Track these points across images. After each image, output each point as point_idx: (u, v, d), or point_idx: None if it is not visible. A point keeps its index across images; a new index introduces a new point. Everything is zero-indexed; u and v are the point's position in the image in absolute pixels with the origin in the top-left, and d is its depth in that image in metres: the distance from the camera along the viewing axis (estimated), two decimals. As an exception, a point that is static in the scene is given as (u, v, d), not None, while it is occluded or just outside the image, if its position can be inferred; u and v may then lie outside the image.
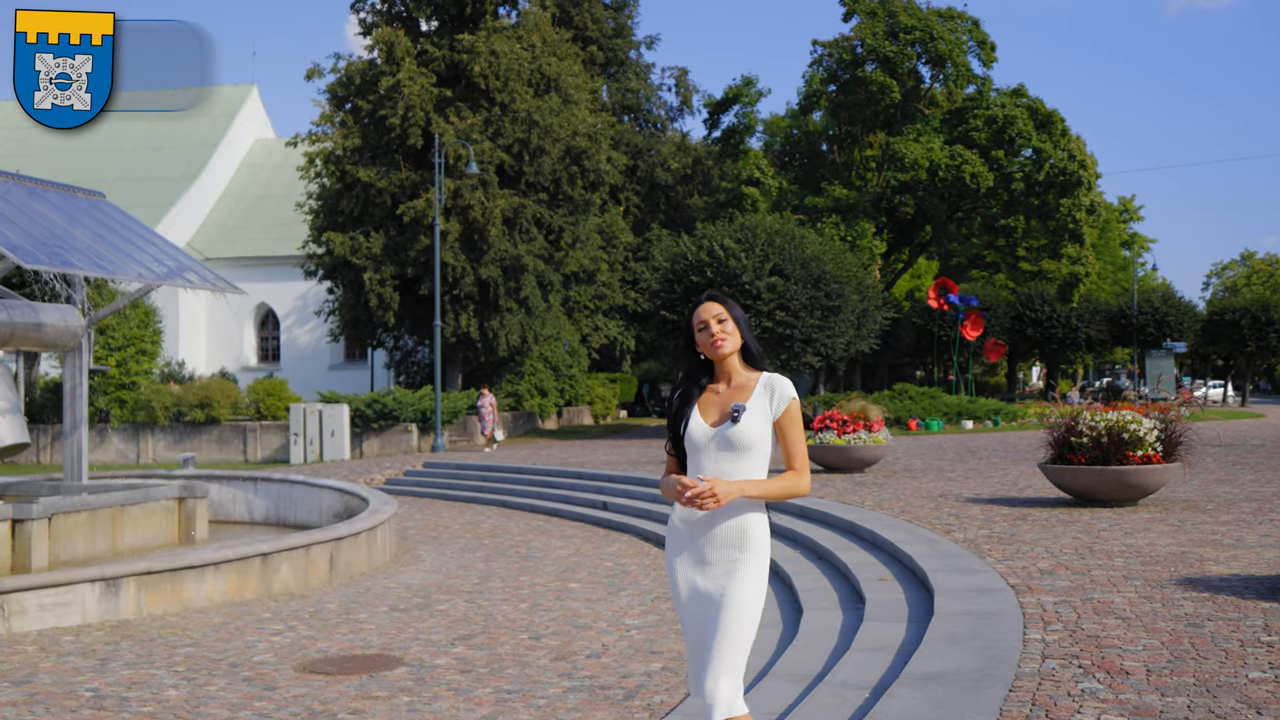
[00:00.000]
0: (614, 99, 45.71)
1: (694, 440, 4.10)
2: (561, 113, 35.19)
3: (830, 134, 46.65)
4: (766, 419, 4.06)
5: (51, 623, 9.35)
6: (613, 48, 45.01)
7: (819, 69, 44.08)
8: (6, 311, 13.31)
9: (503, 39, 34.48)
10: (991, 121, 42.00)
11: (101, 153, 51.42)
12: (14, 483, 15.12)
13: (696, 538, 4.07)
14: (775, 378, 4.13)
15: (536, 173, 34.98)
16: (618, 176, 39.66)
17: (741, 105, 46.70)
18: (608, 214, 41.39)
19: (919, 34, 41.94)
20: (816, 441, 17.80)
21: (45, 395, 32.23)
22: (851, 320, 34.08)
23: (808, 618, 8.31)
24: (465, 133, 33.25)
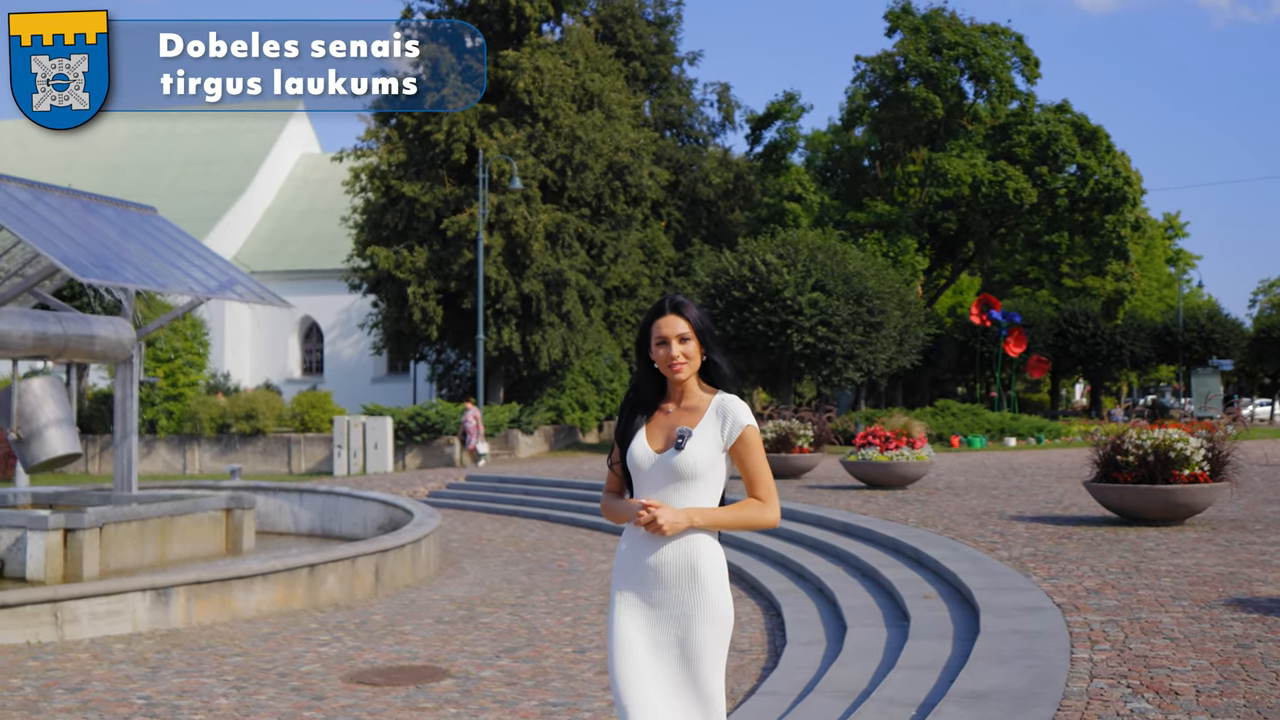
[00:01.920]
0: (656, 115, 45.84)
1: (637, 465, 3.76)
2: (604, 128, 35.35)
3: (872, 150, 46.58)
4: (716, 446, 3.68)
5: (103, 631, 9.50)
6: (655, 64, 45.16)
7: (861, 84, 44.07)
8: (60, 324, 13.54)
9: (546, 55, 34.70)
10: (1035, 138, 41.80)
11: (152, 167, 52.16)
12: (65, 492, 15.35)
13: (642, 573, 3.69)
14: (729, 400, 3.75)
15: (579, 188, 35.14)
16: (659, 192, 39.77)
17: (783, 121, 46.74)
18: (649, 229, 41.50)
19: (962, 50, 41.85)
20: (859, 458, 17.77)
21: (94, 406, 32.65)
22: (893, 336, 34.01)
23: (852, 634, 8.31)
24: (509, 148, 33.46)
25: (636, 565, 3.71)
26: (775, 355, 32.26)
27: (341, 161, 38.80)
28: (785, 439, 20.49)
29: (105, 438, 31.29)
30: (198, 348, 34.30)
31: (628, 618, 3.71)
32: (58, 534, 11.85)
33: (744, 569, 12.10)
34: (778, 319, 31.25)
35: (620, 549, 3.82)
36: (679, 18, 46.33)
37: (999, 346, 44.63)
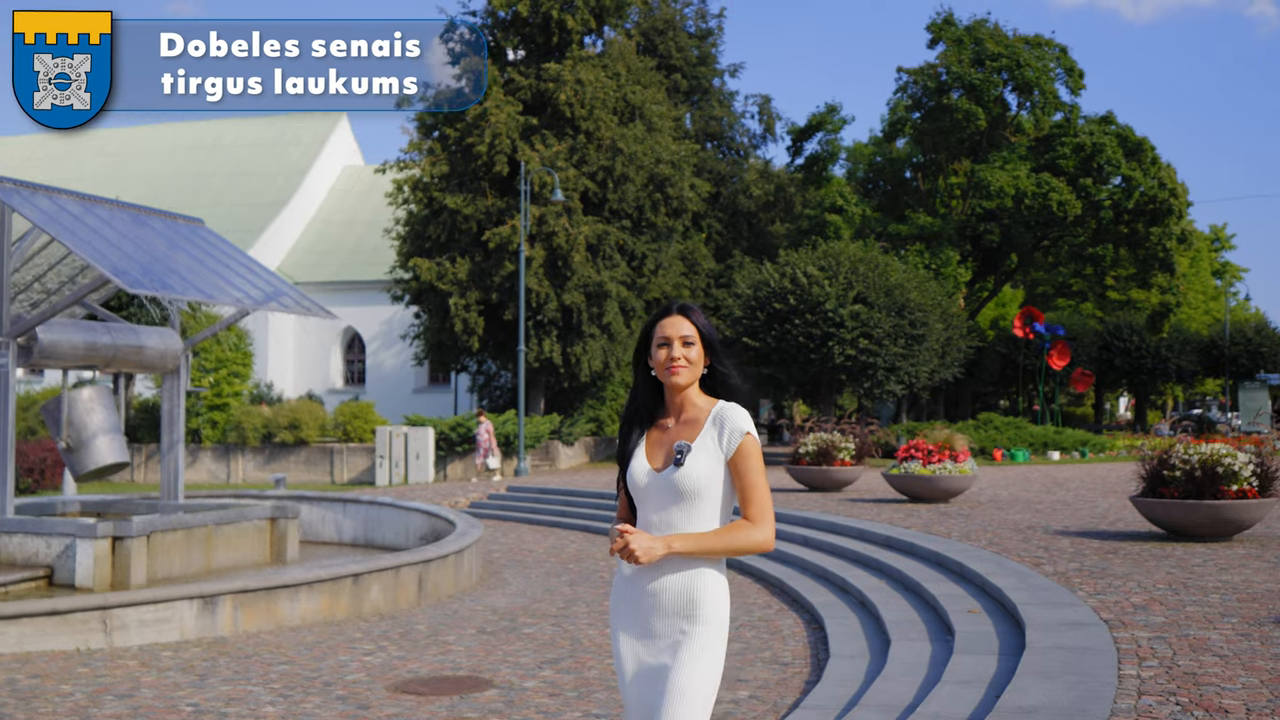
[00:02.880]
0: (697, 126, 45.91)
1: (636, 484, 3.55)
2: (645, 140, 35.44)
3: (914, 161, 46.43)
4: (717, 459, 3.46)
5: (151, 638, 9.60)
6: (696, 76, 45.26)
7: (903, 96, 43.96)
8: (110, 334, 13.71)
9: (588, 68, 34.84)
10: (1079, 149, 41.53)
11: (198, 179, 52.74)
12: (113, 500, 15.51)
13: (640, 601, 3.51)
14: (728, 408, 3.52)
15: (620, 200, 35.23)
16: (700, 203, 39.81)
17: (825, 132, 46.68)
18: (690, 241, 41.53)
19: (1006, 61, 41.67)
20: (901, 471, 17.69)
21: (139, 416, 33.01)
22: (935, 349, 33.86)
23: (896, 648, 8.27)
24: (550, 160, 33.60)
25: (635, 591, 3.53)
26: (816, 367, 32.18)
27: (384, 173, 39.09)
28: (826, 451, 20.44)
29: (150, 447, 31.63)
30: (242, 358, 34.60)
31: (624, 646, 3.57)
32: (106, 542, 11.98)
33: (785, 581, 12.08)
34: (819, 331, 31.18)
35: (619, 572, 3.62)
36: (720, 30, 46.45)
37: (1042, 359, 44.31)
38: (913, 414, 49.01)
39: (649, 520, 3.51)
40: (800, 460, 20.74)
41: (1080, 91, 44.18)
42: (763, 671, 8.35)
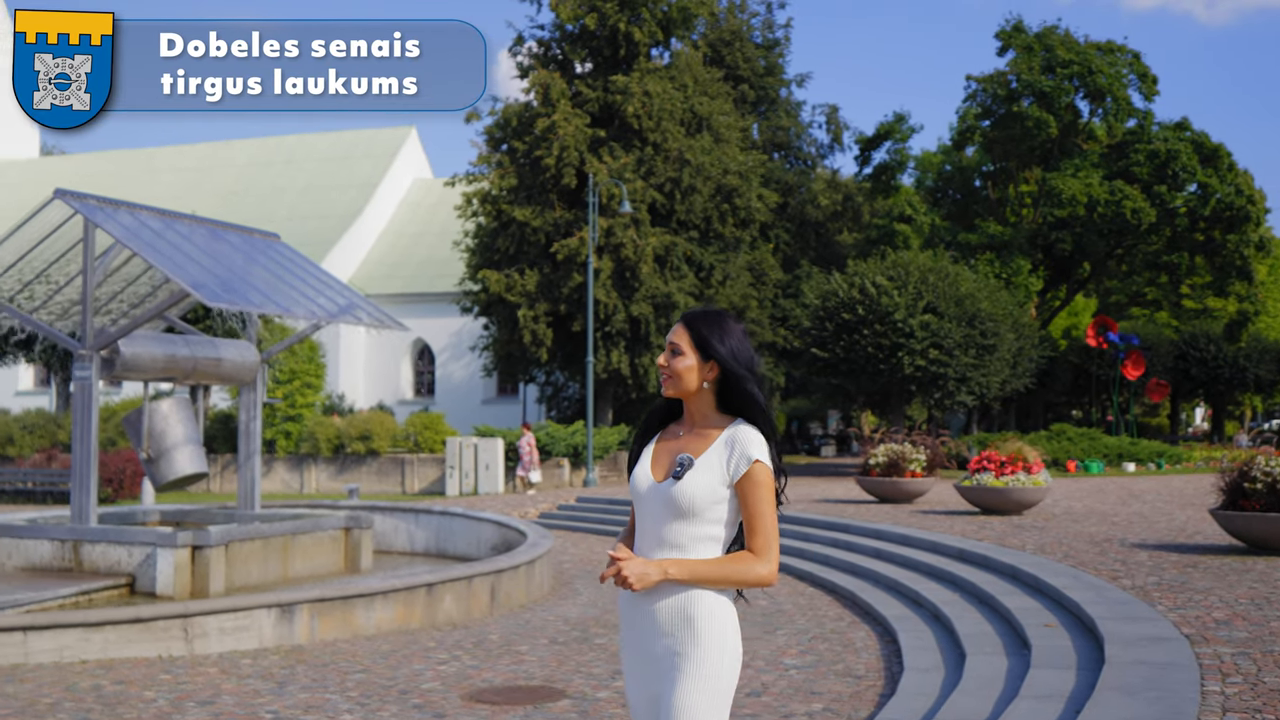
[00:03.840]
0: (765, 137, 45.85)
1: (637, 492, 3.41)
2: (713, 151, 35.47)
3: (984, 170, 46.00)
4: (720, 481, 3.27)
5: (230, 645, 9.76)
6: (764, 86, 45.20)
7: (973, 104, 43.57)
8: (189, 347, 13.98)
9: (655, 80, 34.94)
10: (1154, 156, 40.89)
11: (272, 193, 53.59)
12: (191, 510, 15.80)
13: (640, 622, 3.34)
14: (742, 430, 3.32)
15: (688, 211, 35.28)
16: (768, 214, 39.73)
17: (893, 141, 46.40)
18: (757, 251, 41.45)
19: (1077, 68, 41.17)
20: (974, 483, 17.52)
21: (214, 426, 33.54)
22: (1007, 359, 33.51)
23: (971, 662, 8.20)
24: (618, 172, 33.73)
25: (636, 612, 3.36)
26: (885, 378, 31.98)
27: (454, 186, 39.48)
28: (896, 463, 20.30)
29: (226, 457, 32.12)
30: (315, 370, 35.06)
31: (630, 671, 3.42)
32: (186, 551, 12.20)
33: (857, 594, 12.03)
34: (888, 341, 30.98)
35: (622, 591, 3.43)
36: (787, 40, 46.37)
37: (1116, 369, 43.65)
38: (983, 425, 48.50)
39: (646, 530, 3.36)
40: (870, 471, 20.62)
41: (1154, 97, 43.51)
42: (836, 684, 8.31)
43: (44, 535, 13.03)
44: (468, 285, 38.41)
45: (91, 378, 12.89)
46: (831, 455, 49.04)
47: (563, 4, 35.05)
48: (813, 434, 56.82)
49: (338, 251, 49.47)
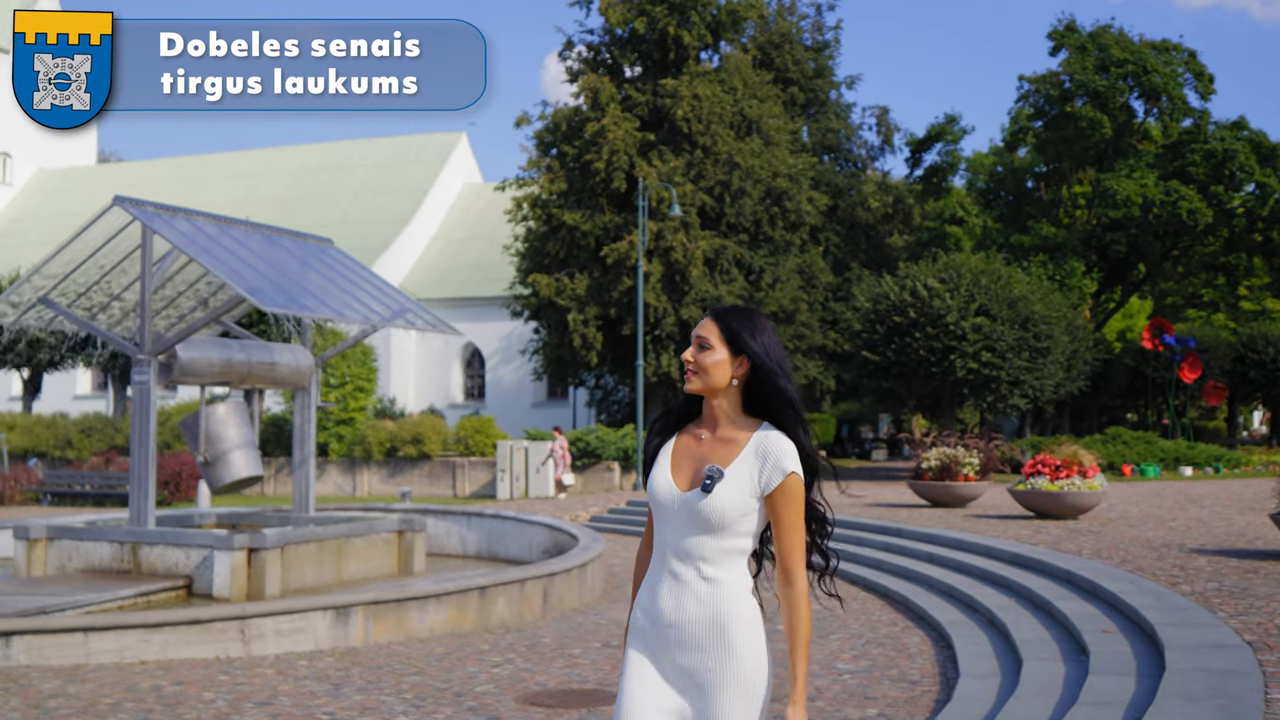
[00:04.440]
0: (814, 139, 45.71)
1: (658, 501, 3.23)
2: (762, 154, 35.40)
3: (1037, 171, 45.59)
4: (750, 493, 3.11)
5: (287, 647, 9.85)
6: (813, 88, 45.06)
7: (1025, 105, 43.20)
8: (245, 351, 14.13)
9: (705, 83, 34.93)
10: (1210, 156, 40.35)
11: (324, 198, 54.09)
12: (246, 513, 15.96)
13: (661, 633, 3.19)
14: (774, 439, 3.14)
15: (737, 214, 35.24)
16: (818, 217, 39.60)
17: (944, 143, 46.09)
18: (807, 254, 41.33)
19: (1132, 67, 40.69)
20: (1028, 487, 17.36)
21: (267, 430, 33.88)
22: (1060, 362, 33.19)
23: (1028, 668, 8.12)
24: (668, 176, 33.74)
25: (656, 624, 3.21)
26: (937, 381, 31.76)
27: (504, 190, 39.67)
28: (949, 467, 20.15)
29: (279, 460, 32.42)
30: (367, 374, 35.32)
31: (640, 684, 3.22)
32: (242, 553, 12.33)
33: (910, 598, 11.94)
34: (940, 344, 30.76)
35: (638, 602, 3.31)
36: (837, 42, 46.22)
37: (1172, 372, 43.09)
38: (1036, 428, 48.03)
39: (667, 540, 3.20)
40: (922, 475, 20.48)
41: (1210, 97, 42.92)
42: (890, 689, 8.26)
43: (103, 537, 13.23)
44: (518, 289, 38.56)
45: (149, 382, 13.06)
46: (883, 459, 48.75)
47: (612, 8, 35.13)
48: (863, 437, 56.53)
49: (389, 256, 49.82)
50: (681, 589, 3.17)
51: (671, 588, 3.19)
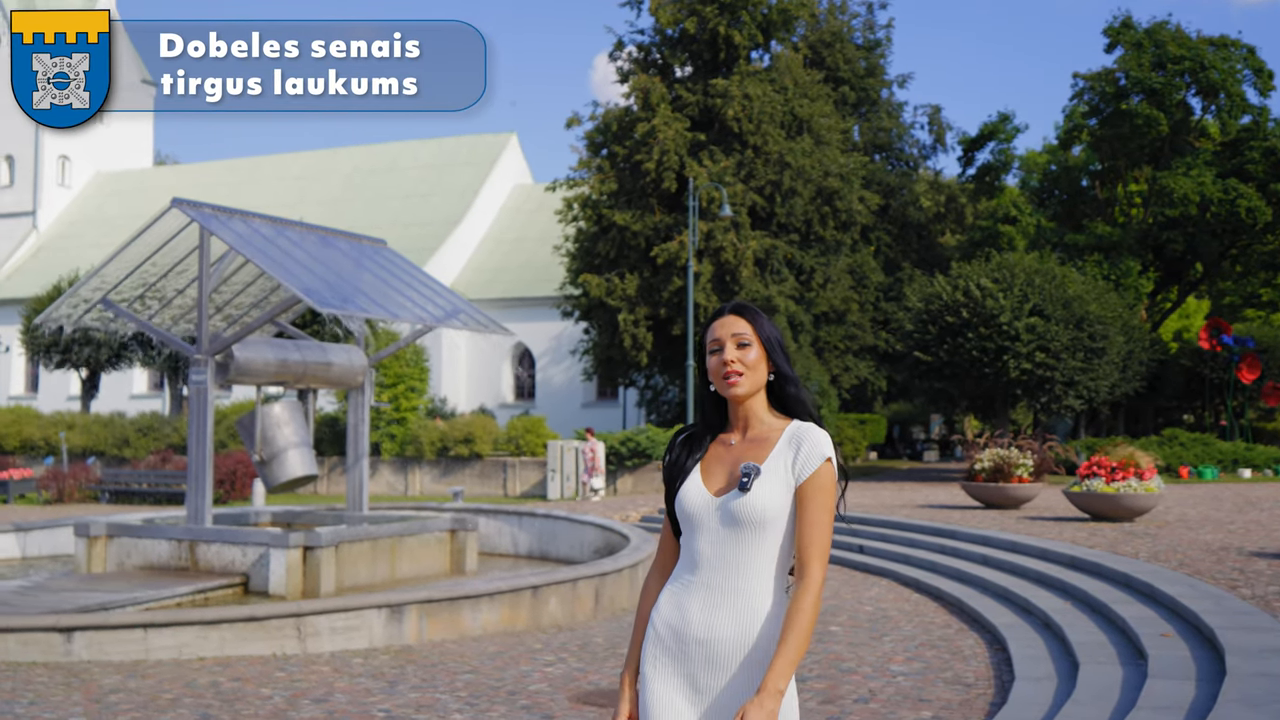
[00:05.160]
0: (865, 138, 45.47)
1: (688, 511, 3.04)
2: (813, 154, 35.27)
3: (1092, 169, 45.08)
4: (787, 485, 2.96)
5: (342, 645, 9.94)
6: (865, 87, 44.82)
7: (1079, 102, 42.73)
8: (300, 352, 14.27)
9: (755, 83, 34.85)
10: (1270, 153, 39.72)
11: (376, 200, 54.51)
12: (300, 511, 16.12)
13: (686, 649, 2.99)
14: (807, 428, 3.02)
15: (788, 214, 35.14)
16: (869, 216, 39.40)
17: (997, 142, 45.68)
18: (859, 253, 41.14)
19: (1189, 64, 40.14)
20: (1083, 489, 17.18)
21: (320, 429, 34.20)
22: (1116, 362, 32.81)
23: (1085, 671, 8.04)
24: (718, 176, 33.70)
25: (680, 640, 3.00)
26: (990, 381, 31.51)
27: (554, 191, 39.79)
28: (1002, 468, 19.98)
29: (331, 460, 32.71)
30: (418, 373, 35.55)
31: (664, 706, 3.01)
32: (298, 552, 12.45)
33: (964, 600, 11.86)
34: (993, 345, 30.52)
35: (659, 611, 3.08)
36: (888, 40, 45.93)
37: (1230, 373, 42.48)
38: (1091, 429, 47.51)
39: (702, 554, 3.00)
40: (975, 476, 20.32)
41: (1270, 93, 42.25)
42: (945, 692, 8.21)
43: (162, 535, 13.41)
44: (568, 290, 38.68)
45: (206, 382, 13.23)
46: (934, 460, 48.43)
47: (662, 8, 35.14)
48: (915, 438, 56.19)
49: (440, 257, 50.13)
50: (716, 602, 2.97)
51: (705, 600, 2.98)
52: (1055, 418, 42.41)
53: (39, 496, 29.65)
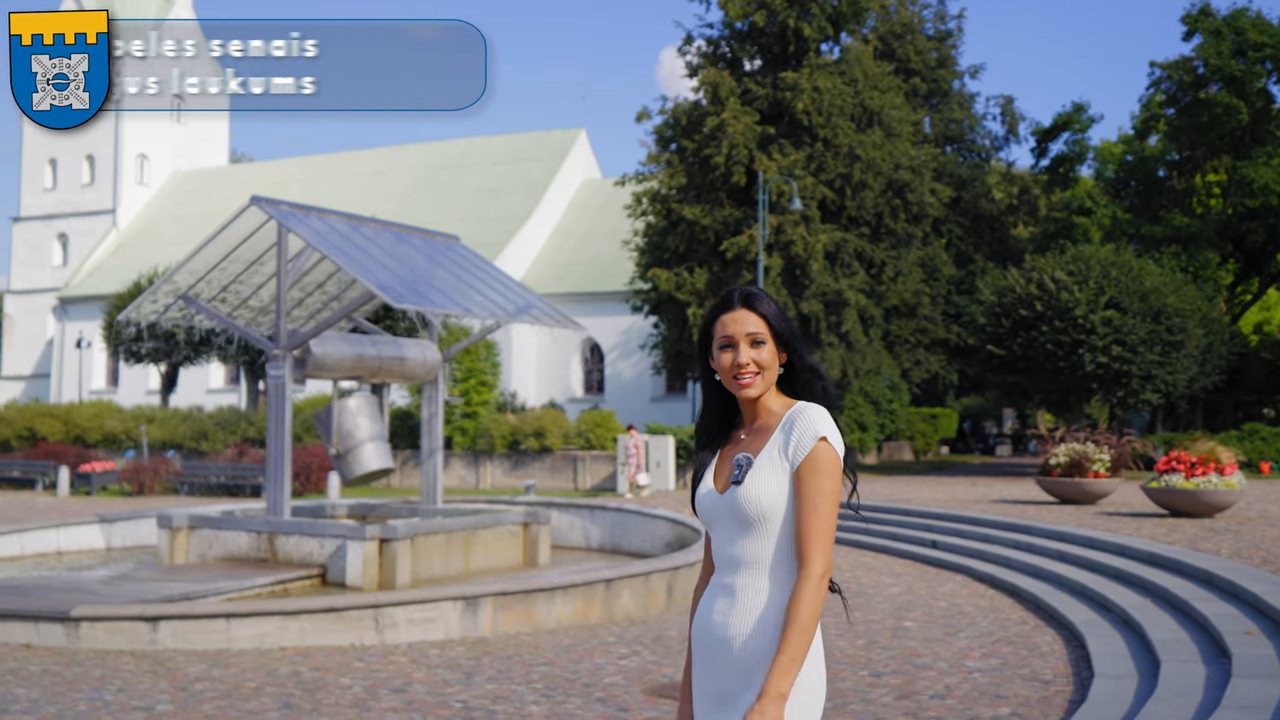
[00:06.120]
0: (937, 130, 45.03)
1: (702, 512, 2.96)
2: (884, 146, 35.01)
3: (1169, 159, 44.31)
4: (783, 472, 2.79)
5: (419, 636, 10.06)
6: (936, 79, 44.39)
7: (1157, 91, 42.02)
8: (375, 347, 14.45)
9: (825, 75, 34.66)
10: (1355, 141, 38.82)
11: (446, 195, 54.98)
12: (375, 504, 16.34)
13: (712, 653, 2.88)
14: (802, 408, 2.84)
15: (858, 207, 34.92)
16: (940, 208, 39.03)
17: (1071, 132, 45.08)
18: (930, 246, 40.78)
19: (1270, 51, 39.29)
20: (1162, 484, 16.91)
21: (392, 423, 34.54)
22: (1194, 355, 32.27)
23: (1166, 670, 7.93)
24: (788, 169, 33.56)
25: (706, 646, 2.90)
26: (1065, 376, 31.13)
27: (623, 186, 39.86)
28: (1079, 463, 19.73)
29: (404, 453, 33.03)
30: (489, 368, 35.81)
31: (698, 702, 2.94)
32: (374, 544, 12.62)
33: (1040, 596, 11.74)
34: (1068, 338, 30.15)
35: (695, 619, 3.00)
36: (960, 31, 45.44)
37: (1313, 366, 41.58)
38: (1168, 424, 46.76)
39: (717, 551, 2.92)
40: (1050, 472, 20.09)
41: (1354, 79, 41.28)
42: (1023, 689, 8.14)
43: (242, 527, 13.65)
44: (637, 284, 38.74)
45: (285, 377, 13.43)
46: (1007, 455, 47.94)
47: (731, 2, 35.05)
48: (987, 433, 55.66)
49: (509, 251, 50.46)
50: (731, 603, 2.85)
51: (723, 603, 2.87)
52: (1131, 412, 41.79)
53: (120, 489, 30.28)
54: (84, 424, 37.99)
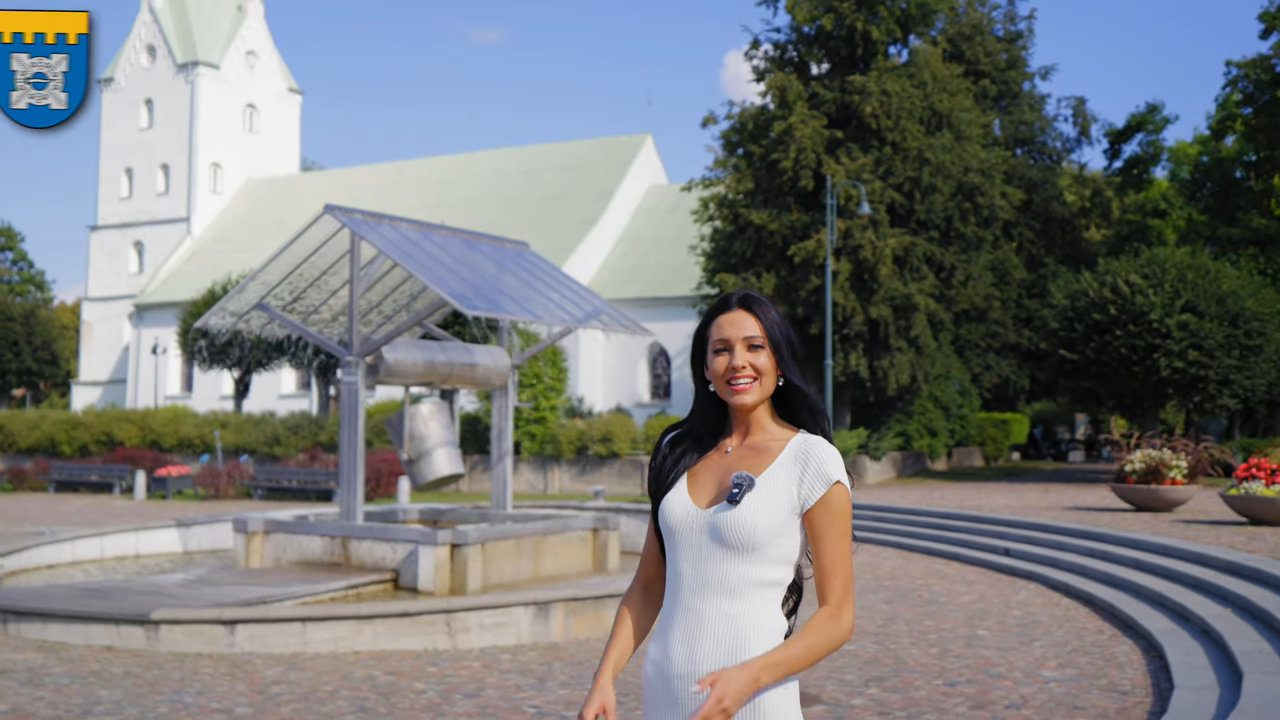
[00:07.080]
0: (1007, 132, 44.58)
1: (670, 524, 2.70)
2: (953, 149, 34.72)
3: (1246, 160, 43.50)
4: (789, 507, 2.62)
5: (491, 641, 10.13)
6: (1005, 80, 43.97)
7: (1233, 91, 41.28)
8: (446, 353, 14.57)
9: (893, 78, 34.43)
10: None
11: (514, 202, 55.33)
12: (446, 510, 16.46)
13: (673, 695, 2.66)
14: (815, 443, 2.67)
15: (928, 211, 34.64)
16: (1011, 212, 38.63)
17: (1145, 133, 44.47)
18: (1000, 250, 40.37)
19: (1351, 48, 38.47)
20: (1241, 491, 16.60)
21: (461, 428, 34.80)
22: (1274, 360, 31.63)
23: (1249, 681, 7.78)
24: (856, 173, 33.38)
25: (667, 680, 2.67)
26: (1139, 381, 30.66)
27: (689, 191, 39.85)
28: (1155, 470, 19.42)
29: (473, 458, 33.26)
30: (557, 373, 35.97)
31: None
32: (446, 549, 12.72)
33: (1116, 605, 11.57)
34: (1143, 343, 29.69)
35: (648, 654, 2.76)
36: (1030, 32, 44.99)
37: (1397, 370, 40.55)
38: (1246, 430, 45.87)
39: (683, 575, 2.67)
40: (1126, 478, 19.79)
41: None
42: (1100, 699, 8.03)
43: (315, 531, 13.81)
44: (704, 289, 38.72)
45: (357, 383, 13.59)
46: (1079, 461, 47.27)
47: (798, 6, 34.93)
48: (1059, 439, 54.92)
49: (576, 257, 50.65)
50: (698, 632, 2.63)
51: (686, 630, 2.64)
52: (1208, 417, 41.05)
53: (195, 493, 30.79)
54: (159, 429, 38.69)
